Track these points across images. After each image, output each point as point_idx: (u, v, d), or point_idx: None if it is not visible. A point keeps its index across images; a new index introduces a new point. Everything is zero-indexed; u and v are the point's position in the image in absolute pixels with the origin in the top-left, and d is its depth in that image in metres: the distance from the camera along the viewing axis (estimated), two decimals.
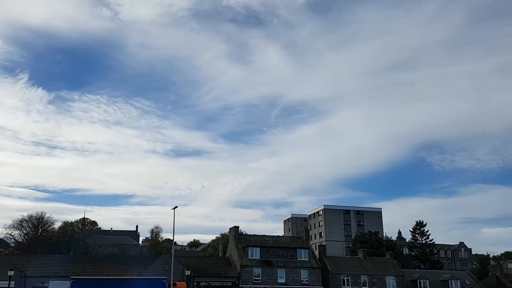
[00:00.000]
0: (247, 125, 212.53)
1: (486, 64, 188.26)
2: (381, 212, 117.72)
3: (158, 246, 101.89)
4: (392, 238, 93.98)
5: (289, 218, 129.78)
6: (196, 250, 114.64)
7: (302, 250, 58.27)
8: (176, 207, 43.17)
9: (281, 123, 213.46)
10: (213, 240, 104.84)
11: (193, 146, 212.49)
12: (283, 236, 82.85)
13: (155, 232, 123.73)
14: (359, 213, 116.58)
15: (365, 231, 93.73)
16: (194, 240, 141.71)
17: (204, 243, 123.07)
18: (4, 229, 79.18)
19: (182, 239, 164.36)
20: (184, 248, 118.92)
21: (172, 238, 66.01)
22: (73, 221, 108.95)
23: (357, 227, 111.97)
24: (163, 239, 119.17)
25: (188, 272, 47.38)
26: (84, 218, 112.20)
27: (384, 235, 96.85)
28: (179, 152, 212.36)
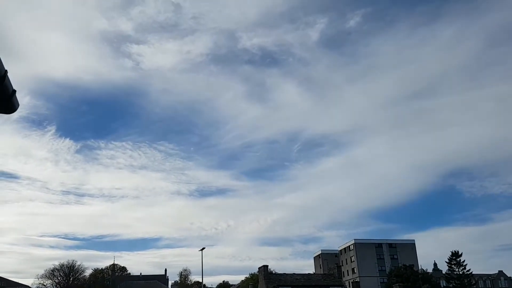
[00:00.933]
0: (269, 161, 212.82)
1: (508, 86, 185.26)
2: (414, 244, 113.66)
3: None
4: (428, 271, 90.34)
5: (319, 254, 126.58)
6: None
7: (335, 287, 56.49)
8: (203, 248, 42.81)
9: (303, 157, 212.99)
10: (242, 280, 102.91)
11: (217, 185, 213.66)
12: (314, 273, 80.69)
13: (184, 275, 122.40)
14: (392, 246, 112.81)
15: (400, 265, 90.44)
16: (224, 281, 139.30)
17: (234, 284, 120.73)
18: (37, 279, 79.90)
19: (211, 281, 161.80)
20: None
21: (201, 281, 65.10)
22: (103, 267, 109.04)
23: (391, 260, 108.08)
24: (192, 282, 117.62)
25: None
26: (113, 264, 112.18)
27: (420, 267, 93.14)
28: (203, 192, 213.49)
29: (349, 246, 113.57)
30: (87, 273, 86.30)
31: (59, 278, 77.41)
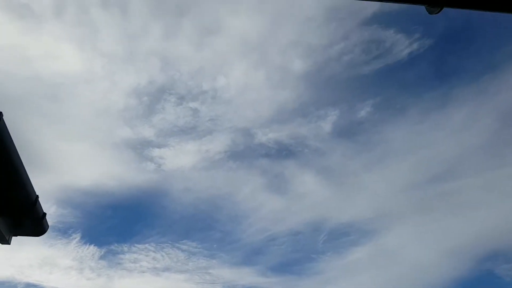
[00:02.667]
0: (295, 254, 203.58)
1: None
2: None
3: None
4: None
5: None
6: None
7: None
8: None
9: (330, 248, 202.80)
10: None
11: (243, 283, 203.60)
12: None
13: None
14: None
15: None
16: None
17: None
18: None
19: None
20: None
21: None
22: None
23: None
24: None
25: None
26: None
27: None
28: None
29: None
30: None
31: None
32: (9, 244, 3.15)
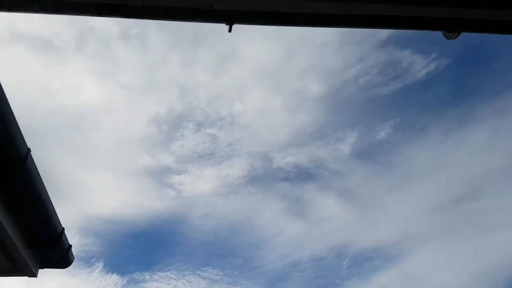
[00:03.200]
0: (318, 280, 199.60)
1: None
2: None
3: None
4: None
5: None
6: None
7: None
8: None
9: (355, 274, 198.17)
10: None
11: None
12: None
13: None
14: None
15: None
16: None
17: None
18: None
19: None
20: None
21: None
22: None
23: None
24: None
25: None
26: None
27: None
28: None
29: None
30: None
31: None
32: (36, 276, 3.19)
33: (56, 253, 3.18)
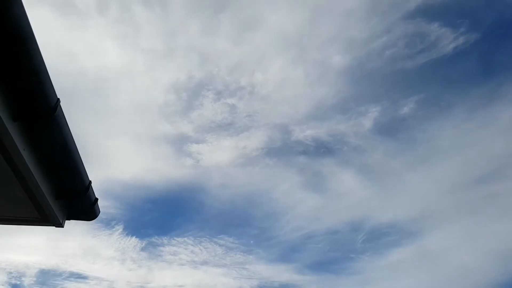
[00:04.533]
0: (333, 253, 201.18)
1: None
2: None
3: None
4: None
5: None
6: None
7: None
8: None
9: (370, 248, 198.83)
10: None
11: (280, 280, 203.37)
12: None
13: None
14: None
15: None
16: None
17: None
18: None
19: None
20: None
21: None
22: None
23: None
24: None
25: None
26: None
27: None
28: None
29: None
30: None
31: None
32: (63, 227, 3.28)
33: (83, 205, 3.25)
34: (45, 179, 2.89)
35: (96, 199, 3.30)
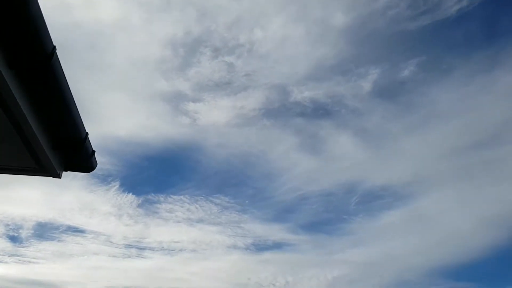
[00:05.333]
0: (326, 214, 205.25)
1: None
2: None
3: None
4: None
5: None
6: None
7: None
8: None
9: (363, 210, 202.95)
10: None
11: (273, 239, 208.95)
12: None
13: None
14: None
15: None
16: None
17: None
18: None
19: None
20: None
21: None
22: None
23: None
24: None
25: None
26: None
27: None
28: (259, 246, 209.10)
29: None
30: None
31: None
32: (60, 178, 3.30)
33: (80, 157, 3.25)
34: (42, 129, 2.87)
35: (93, 151, 3.30)
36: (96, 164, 3.41)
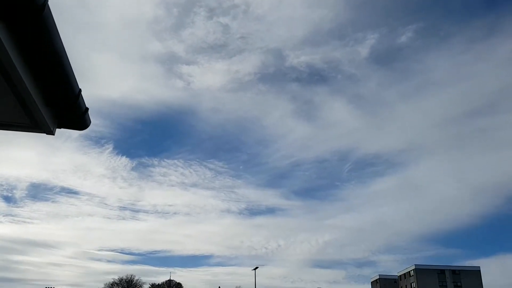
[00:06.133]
0: (319, 181, 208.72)
1: None
2: (479, 271, 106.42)
3: None
4: None
5: (377, 279, 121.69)
6: None
7: None
8: (256, 267, 42.60)
9: (355, 177, 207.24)
10: None
11: (266, 204, 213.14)
12: None
13: None
14: (455, 272, 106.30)
15: None
16: None
17: None
18: None
19: None
20: None
21: None
22: (159, 283, 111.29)
23: None
24: None
25: None
26: (170, 280, 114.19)
27: None
28: (252, 211, 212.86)
29: (409, 271, 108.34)
30: (145, 287, 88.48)
31: None
32: (53, 134, 3.29)
33: (73, 114, 3.24)
34: (35, 84, 2.84)
35: (87, 109, 3.29)
36: (90, 121, 3.40)
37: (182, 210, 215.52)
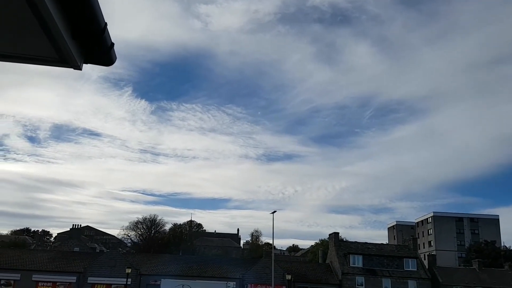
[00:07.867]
0: (338, 127, 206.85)
1: None
2: (498, 219, 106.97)
3: (258, 250, 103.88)
4: None
5: (394, 225, 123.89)
6: (296, 255, 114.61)
7: (410, 259, 55.18)
8: (274, 211, 43.69)
9: (376, 124, 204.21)
10: (312, 245, 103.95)
11: (284, 150, 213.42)
12: (387, 244, 79.19)
13: (255, 236, 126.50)
14: (473, 220, 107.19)
15: (481, 240, 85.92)
16: (293, 245, 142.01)
17: (303, 248, 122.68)
18: (122, 230, 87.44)
19: (281, 244, 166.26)
20: (284, 253, 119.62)
21: (271, 242, 66.91)
22: (181, 223, 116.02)
23: (471, 235, 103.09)
24: (263, 243, 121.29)
25: (289, 277, 47.48)
26: (191, 221, 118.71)
27: (502, 244, 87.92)
28: (270, 157, 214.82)
29: (427, 218, 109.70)
30: (167, 227, 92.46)
31: (142, 230, 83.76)
32: (80, 69, 3.28)
33: (100, 48, 3.19)
34: (61, 15, 2.78)
35: (113, 44, 3.23)
36: (116, 57, 3.36)
37: (201, 155, 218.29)
